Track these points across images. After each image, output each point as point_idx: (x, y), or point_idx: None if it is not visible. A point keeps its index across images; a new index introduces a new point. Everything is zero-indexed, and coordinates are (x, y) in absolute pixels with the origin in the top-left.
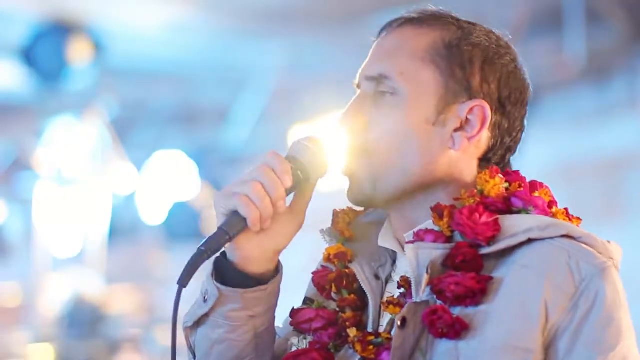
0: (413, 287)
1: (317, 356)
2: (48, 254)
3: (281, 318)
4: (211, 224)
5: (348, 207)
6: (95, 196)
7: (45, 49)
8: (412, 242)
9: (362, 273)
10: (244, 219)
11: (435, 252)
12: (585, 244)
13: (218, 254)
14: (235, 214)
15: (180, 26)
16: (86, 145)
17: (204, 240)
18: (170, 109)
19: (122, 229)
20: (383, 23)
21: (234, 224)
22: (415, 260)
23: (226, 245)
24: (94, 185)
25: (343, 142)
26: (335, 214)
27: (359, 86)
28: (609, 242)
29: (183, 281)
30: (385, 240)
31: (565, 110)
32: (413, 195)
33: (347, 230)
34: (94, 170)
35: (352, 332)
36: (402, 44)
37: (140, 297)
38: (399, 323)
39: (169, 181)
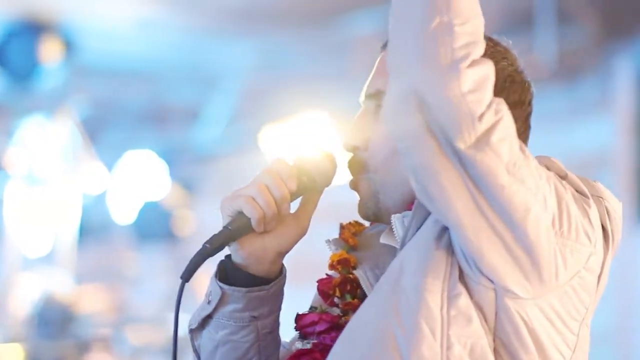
0: (398, 251)
1: (320, 356)
2: (18, 253)
3: (287, 332)
4: (182, 224)
5: (355, 220)
6: (66, 196)
7: (15, 48)
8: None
9: (365, 278)
10: (249, 219)
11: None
12: None
13: (223, 257)
14: (240, 214)
15: (152, 25)
16: (57, 145)
17: (209, 238)
18: (142, 108)
19: (93, 229)
20: (352, 23)
21: (238, 224)
22: (401, 227)
23: (230, 245)
24: (64, 184)
25: (346, 159)
26: (342, 226)
27: (363, 103)
28: None
29: (186, 276)
30: (388, 239)
31: (536, 110)
32: (409, 208)
33: (352, 238)
34: (64, 169)
35: None
36: None
37: (110, 296)
38: None
39: (140, 181)
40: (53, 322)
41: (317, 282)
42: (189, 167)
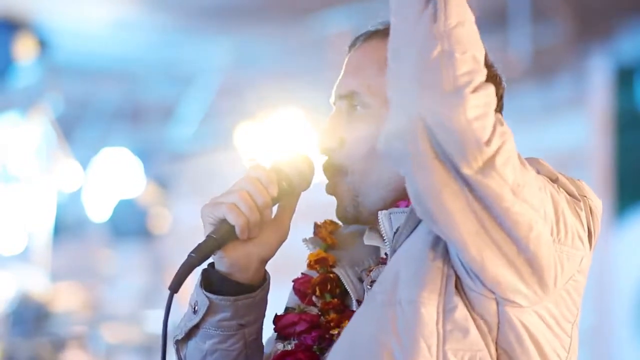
0: (389, 254)
1: (303, 356)
2: None
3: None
4: (157, 222)
5: (329, 219)
6: (41, 194)
7: None
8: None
9: (346, 276)
10: (232, 227)
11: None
12: None
13: (206, 265)
14: (223, 222)
15: (126, 23)
16: (31, 143)
17: (194, 248)
18: (116, 107)
19: (67, 227)
20: (327, 20)
21: (223, 231)
22: (388, 224)
23: (215, 253)
24: (39, 182)
25: (322, 161)
26: (317, 225)
27: (335, 104)
28: None
29: (174, 287)
30: (371, 240)
31: (510, 108)
32: (396, 205)
33: (330, 237)
34: (39, 167)
35: (336, 332)
36: (368, 57)
37: (85, 294)
38: (369, 286)
39: (114, 178)
40: (28, 320)
41: (293, 281)
42: (164, 164)
